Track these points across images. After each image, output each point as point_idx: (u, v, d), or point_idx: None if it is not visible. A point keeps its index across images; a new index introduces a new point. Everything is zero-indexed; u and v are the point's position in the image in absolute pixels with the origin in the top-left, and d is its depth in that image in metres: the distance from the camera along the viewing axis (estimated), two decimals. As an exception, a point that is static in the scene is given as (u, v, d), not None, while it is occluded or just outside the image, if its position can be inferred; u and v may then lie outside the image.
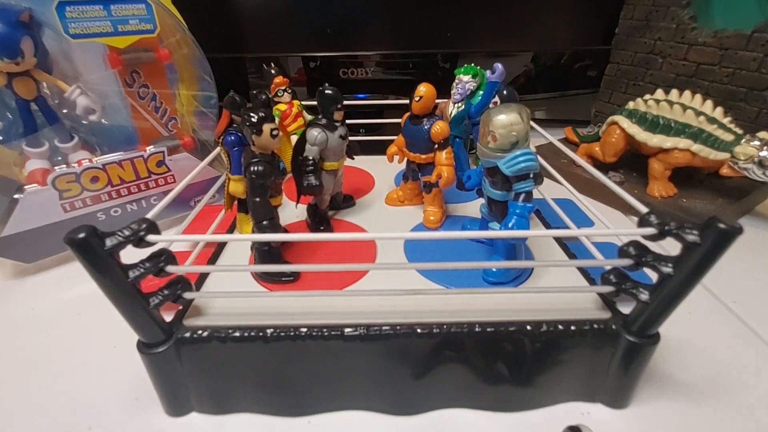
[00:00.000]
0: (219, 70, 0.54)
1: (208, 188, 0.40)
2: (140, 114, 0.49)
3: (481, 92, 0.40)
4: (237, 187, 0.35)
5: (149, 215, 0.24)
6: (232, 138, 0.35)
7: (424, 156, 0.38)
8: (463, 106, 0.40)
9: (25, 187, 0.40)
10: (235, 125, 0.35)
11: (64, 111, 0.46)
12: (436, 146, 0.36)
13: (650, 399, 0.29)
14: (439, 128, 0.35)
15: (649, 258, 0.23)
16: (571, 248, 0.35)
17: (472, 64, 0.40)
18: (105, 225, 0.44)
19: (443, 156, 0.36)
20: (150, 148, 0.46)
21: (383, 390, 0.28)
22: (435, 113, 0.37)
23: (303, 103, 0.49)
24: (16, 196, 0.40)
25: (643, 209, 0.24)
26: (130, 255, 0.23)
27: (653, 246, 0.23)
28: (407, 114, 0.38)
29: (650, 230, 0.22)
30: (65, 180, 0.41)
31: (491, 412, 0.28)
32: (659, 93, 0.50)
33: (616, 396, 0.28)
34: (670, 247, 0.22)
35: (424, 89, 0.35)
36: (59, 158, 0.47)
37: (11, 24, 0.39)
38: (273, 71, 0.46)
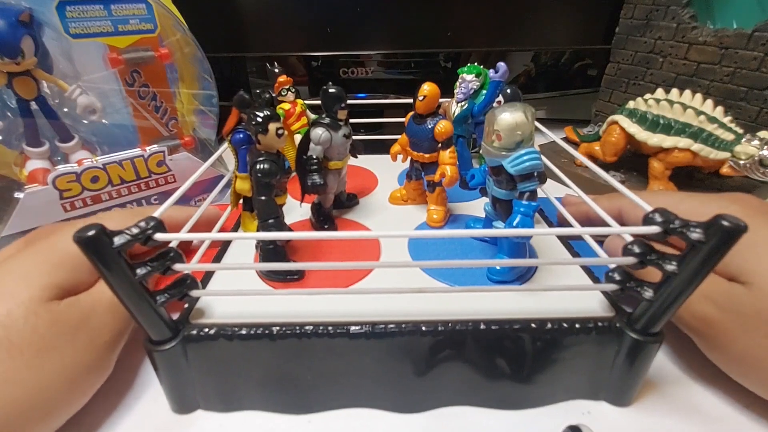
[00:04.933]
0: (219, 69, 0.54)
1: (210, 188, 0.40)
2: (141, 113, 0.49)
3: (484, 91, 0.40)
4: (244, 184, 0.35)
5: (156, 213, 0.24)
6: (241, 136, 0.35)
7: (427, 155, 0.38)
8: (467, 105, 0.40)
9: (26, 186, 0.40)
10: (243, 123, 0.35)
11: (65, 110, 0.46)
12: (440, 145, 0.36)
13: (653, 397, 0.29)
14: (442, 127, 0.35)
15: (653, 256, 0.23)
16: (575, 247, 0.35)
17: (476, 63, 0.40)
18: (107, 224, 0.44)
19: (447, 155, 0.36)
20: (150, 148, 0.46)
21: (387, 387, 0.28)
22: (438, 112, 0.37)
23: (305, 102, 0.49)
24: (16, 195, 0.39)
25: (648, 208, 0.24)
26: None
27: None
28: (411, 113, 0.38)
29: (654, 229, 0.22)
30: (66, 180, 0.41)
31: (494, 409, 0.28)
32: (659, 92, 0.50)
33: (619, 394, 0.28)
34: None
35: (427, 88, 0.35)
36: (59, 158, 0.47)
37: (11, 24, 0.39)
38: (277, 70, 0.46)
